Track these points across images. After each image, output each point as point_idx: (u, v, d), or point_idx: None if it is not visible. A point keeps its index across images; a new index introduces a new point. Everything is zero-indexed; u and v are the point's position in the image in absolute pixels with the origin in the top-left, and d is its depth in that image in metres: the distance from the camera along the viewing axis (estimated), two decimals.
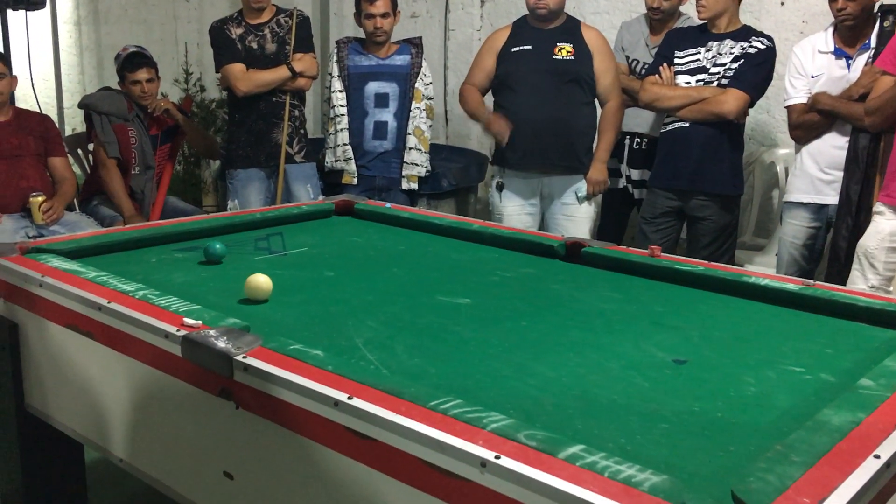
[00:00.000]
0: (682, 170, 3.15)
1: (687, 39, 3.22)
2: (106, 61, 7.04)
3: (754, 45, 3.08)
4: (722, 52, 3.12)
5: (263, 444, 1.28)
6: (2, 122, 3.57)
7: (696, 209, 3.17)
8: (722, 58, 3.11)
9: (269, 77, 3.57)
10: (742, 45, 3.09)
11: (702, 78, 3.13)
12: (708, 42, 3.15)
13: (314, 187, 3.66)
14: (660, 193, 3.24)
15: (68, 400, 1.72)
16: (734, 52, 3.09)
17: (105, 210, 3.82)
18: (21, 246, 1.91)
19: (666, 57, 3.22)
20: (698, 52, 3.17)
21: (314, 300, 1.77)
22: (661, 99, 3.17)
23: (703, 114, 3.08)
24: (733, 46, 3.10)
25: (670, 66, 3.19)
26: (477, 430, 1.05)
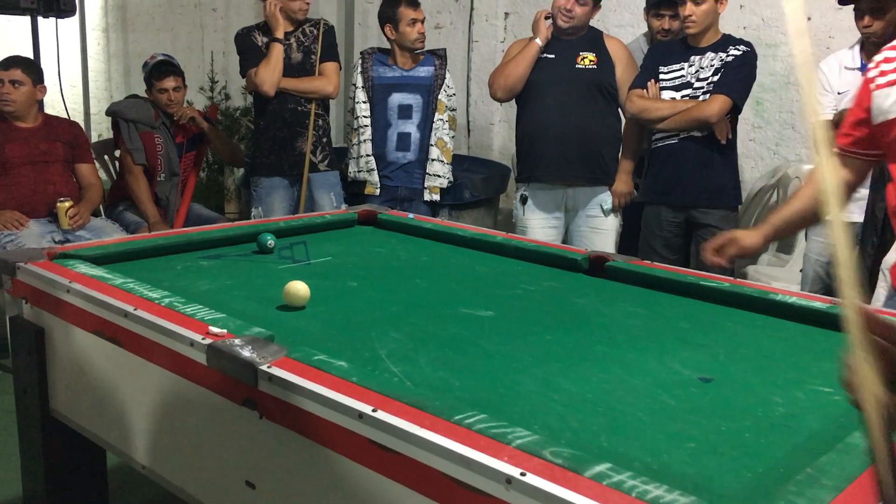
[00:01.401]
0: (676, 185, 3.14)
1: (670, 54, 3.21)
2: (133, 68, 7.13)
3: (732, 53, 3.08)
4: (704, 66, 3.12)
5: (286, 455, 1.28)
6: (31, 128, 3.62)
7: (699, 218, 3.16)
8: (704, 71, 3.11)
9: (293, 83, 3.59)
10: (721, 55, 3.09)
11: (687, 93, 3.13)
12: (690, 56, 3.15)
13: (337, 196, 3.67)
14: (659, 206, 3.23)
15: (92, 405, 1.73)
16: (714, 65, 3.09)
17: (130, 216, 3.86)
18: (48, 251, 1.93)
19: (652, 71, 3.21)
20: (682, 68, 3.16)
21: (338, 310, 1.78)
22: (647, 110, 3.15)
23: (688, 120, 3.06)
24: (713, 59, 3.10)
25: (657, 81, 3.18)
26: (502, 445, 1.04)
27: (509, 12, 4.86)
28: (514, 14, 4.83)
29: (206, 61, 6.51)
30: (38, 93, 3.63)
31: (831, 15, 3.76)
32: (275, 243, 2.23)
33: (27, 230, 3.42)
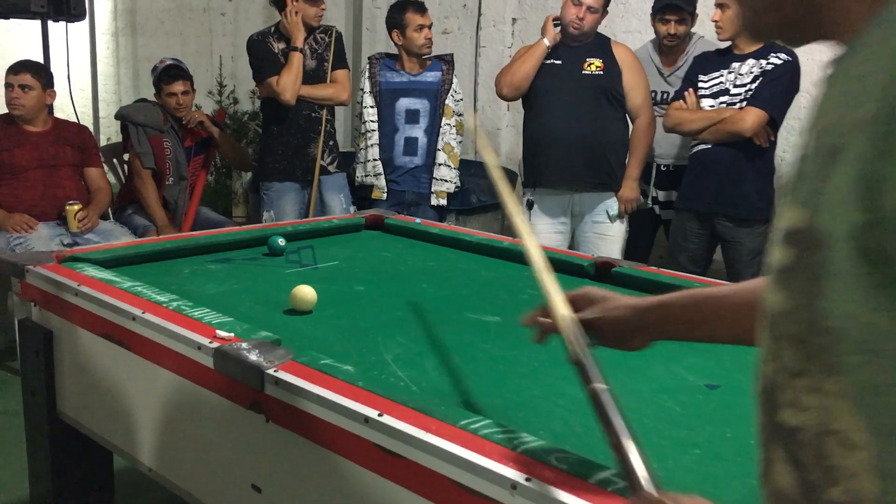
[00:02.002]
0: (704, 191, 3.13)
1: (711, 62, 3.21)
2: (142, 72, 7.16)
3: (772, 61, 3.06)
4: (742, 73, 3.10)
5: (292, 459, 1.29)
6: (40, 131, 3.64)
7: (723, 232, 3.14)
8: (742, 78, 3.09)
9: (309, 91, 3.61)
10: (761, 63, 3.07)
11: (724, 100, 3.11)
12: (731, 63, 3.14)
13: (346, 197, 3.70)
14: (685, 215, 3.22)
15: (99, 408, 1.74)
16: (753, 72, 3.08)
17: (139, 219, 3.88)
18: (57, 254, 1.94)
19: (691, 81, 3.21)
20: (721, 75, 3.15)
21: (344, 314, 1.78)
22: (683, 123, 3.15)
23: (722, 134, 3.06)
24: (753, 66, 3.09)
25: (695, 91, 3.18)
26: (508, 451, 1.04)
27: (517, 18, 4.87)
28: (522, 20, 4.84)
29: (215, 66, 6.54)
30: (47, 97, 3.65)
31: None
32: (286, 243, 2.24)
33: (36, 233, 3.44)
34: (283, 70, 3.53)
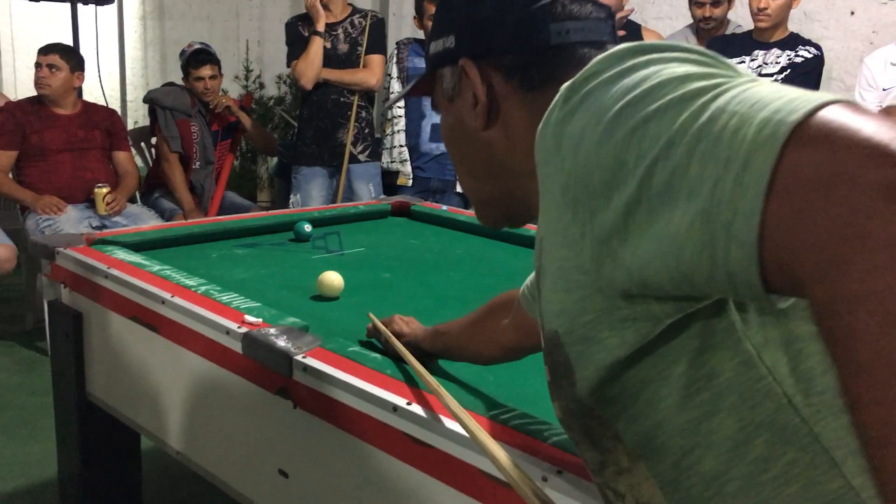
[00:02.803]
0: None
1: (731, 47, 3.15)
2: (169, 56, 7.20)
3: (801, 54, 3.00)
4: (768, 62, 3.04)
5: (320, 445, 1.28)
6: (70, 114, 3.66)
7: None
8: (768, 67, 3.03)
9: (337, 75, 3.59)
10: (789, 54, 3.01)
11: None
12: (753, 51, 3.08)
13: (376, 187, 3.68)
14: None
15: (128, 390, 1.75)
16: (781, 62, 3.01)
17: (166, 203, 3.91)
18: (87, 237, 1.95)
19: None
20: (742, 61, 3.09)
21: (371, 302, 1.77)
22: None
23: None
24: (780, 56, 3.02)
25: None
26: (538, 442, 1.03)
27: None
28: None
29: (242, 50, 6.55)
30: (75, 80, 3.67)
31: (875, 10, 3.69)
32: (312, 229, 2.24)
33: (65, 215, 3.47)
34: (301, 55, 3.52)
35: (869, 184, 0.40)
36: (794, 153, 0.42)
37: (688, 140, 0.48)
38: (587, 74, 0.60)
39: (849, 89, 3.28)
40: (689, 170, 0.47)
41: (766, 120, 0.44)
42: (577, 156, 0.57)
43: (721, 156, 0.45)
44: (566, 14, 0.82)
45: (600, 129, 0.55)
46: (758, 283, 0.45)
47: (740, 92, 0.48)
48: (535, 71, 0.81)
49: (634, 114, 0.52)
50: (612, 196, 0.53)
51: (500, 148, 0.83)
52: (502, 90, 0.82)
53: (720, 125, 0.46)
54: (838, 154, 0.41)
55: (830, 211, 0.40)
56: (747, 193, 0.43)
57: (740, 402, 0.56)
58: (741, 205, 0.44)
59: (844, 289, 0.40)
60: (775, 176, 0.42)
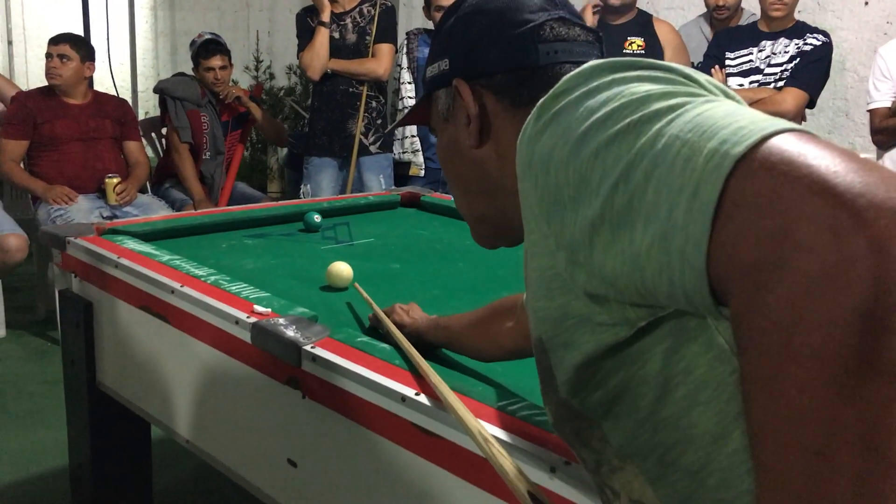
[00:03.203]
0: None
1: (738, 39, 3.12)
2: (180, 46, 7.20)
3: (809, 41, 2.97)
4: (776, 52, 3.01)
5: (328, 435, 1.29)
6: (81, 104, 3.67)
7: None
8: (777, 57, 3.01)
9: (344, 65, 3.58)
10: (797, 42, 2.99)
11: (756, 79, 3.04)
12: (761, 41, 3.05)
13: (387, 178, 3.68)
14: None
15: (138, 379, 1.75)
16: (789, 52, 2.99)
17: (176, 193, 3.92)
18: (97, 226, 1.96)
19: (716, 58, 3.13)
20: (750, 53, 3.07)
21: (380, 292, 1.77)
22: None
23: None
24: (788, 45, 3.00)
25: (722, 69, 3.10)
26: (546, 434, 1.03)
27: None
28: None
29: (252, 40, 6.55)
30: (86, 70, 3.68)
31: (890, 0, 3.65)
32: (321, 219, 2.24)
33: (76, 205, 3.49)
34: (308, 46, 3.51)
35: (800, 216, 0.42)
36: (737, 184, 0.46)
37: (644, 165, 0.51)
38: (557, 93, 0.63)
39: (862, 80, 3.26)
40: (647, 195, 0.51)
41: (714, 151, 0.47)
42: (547, 173, 0.61)
43: (674, 184, 0.49)
44: (554, 36, 0.87)
45: (567, 149, 0.58)
46: (710, 302, 0.48)
47: (694, 116, 0.51)
48: (525, 89, 0.86)
49: (598, 135, 0.56)
50: (578, 212, 0.57)
51: (492, 166, 0.88)
52: (494, 108, 0.87)
53: (673, 152, 0.50)
54: (776, 186, 0.44)
55: (760, 238, 0.43)
56: (697, 221, 0.47)
57: (716, 395, 0.57)
58: (692, 231, 0.47)
59: (756, 308, 0.43)
60: (720, 205, 0.46)
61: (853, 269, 0.40)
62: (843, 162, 0.44)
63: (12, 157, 3.56)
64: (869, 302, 0.40)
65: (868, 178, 0.42)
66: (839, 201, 0.41)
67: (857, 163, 0.44)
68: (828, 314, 0.41)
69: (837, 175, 0.43)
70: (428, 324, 1.41)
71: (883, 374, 0.40)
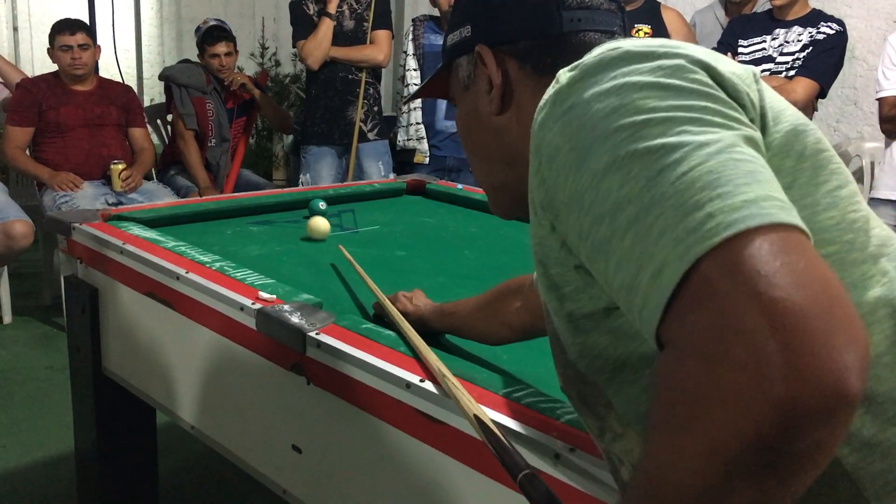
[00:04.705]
0: None
1: (751, 27, 3.09)
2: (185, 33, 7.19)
3: (823, 30, 2.94)
4: (789, 41, 2.99)
5: (333, 421, 1.29)
6: (86, 91, 3.67)
7: None
8: (790, 46, 2.98)
9: (344, 53, 3.57)
10: (810, 31, 2.96)
11: (767, 68, 3.01)
12: (774, 29, 3.02)
13: (385, 165, 3.67)
14: None
15: (143, 365, 1.76)
16: (802, 40, 2.96)
17: (181, 180, 3.92)
18: (103, 213, 1.96)
19: (730, 45, 3.10)
20: (763, 41, 3.04)
21: (385, 279, 1.77)
22: None
23: None
24: (801, 33, 2.97)
25: (735, 56, 3.07)
26: (551, 420, 1.03)
27: None
28: None
29: (257, 27, 6.53)
30: (97, 54, 3.70)
31: None
32: (326, 206, 2.24)
33: (81, 192, 3.49)
34: (311, 35, 3.50)
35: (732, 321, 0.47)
36: (698, 274, 0.50)
37: (627, 215, 0.56)
38: (574, 80, 0.65)
39: (872, 69, 3.23)
40: (624, 242, 0.56)
41: (682, 238, 0.52)
42: (550, 169, 0.65)
43: (646, 251, 0.54)
44: (578, 3, 0.87)
45: (571, 158, 0.62)
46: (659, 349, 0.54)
47: (681, 175, 0.54)
48: (548, 56, 0.85)
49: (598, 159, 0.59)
50: (569, 218, 0.63)
51: (512, 134, 0.88)
52: (516, 76, 0.87)
53: (653, 217, 0.54)
54: (723, 289, 0.49)
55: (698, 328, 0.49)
56: (654, 297, 0.53)
57: None
58: (649, 301, 0.53)
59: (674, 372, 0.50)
60: (678, 287, 0.51)
61: (765, 405, 0.45)
62: (802, 286, 0.47)
63: (18, 143, 3.56)
64: (765, 434, 0.45)
65: (819, 313, 0.46)
66: (777, 332, 0.46)
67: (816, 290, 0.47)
68: (729, 421, 0.46)
69: (787, 304, 0.46)
70: (433, 311, 1.41)
71: (751, 481, 0.46)
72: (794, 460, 0.45)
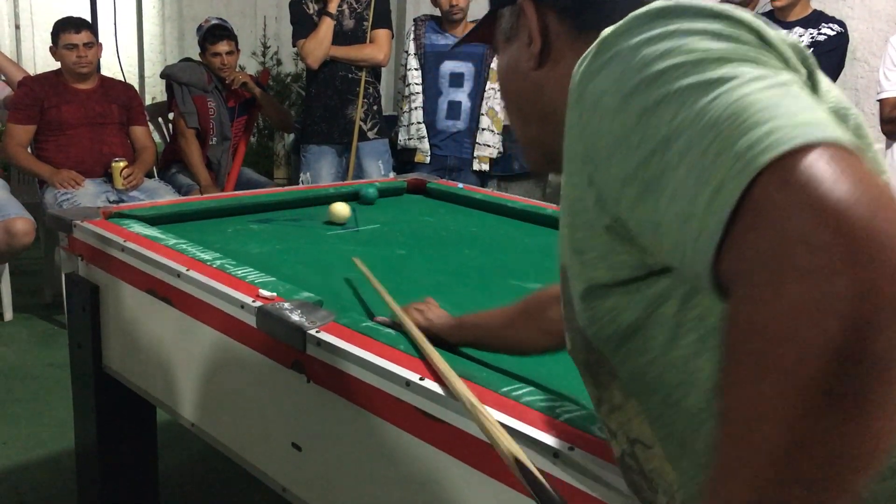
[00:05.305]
0: None
1: None
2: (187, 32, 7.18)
3: (824, 31, 2.94)
4: None
5: (333, 419, 1.29)
6: (88, 89, 3.67)
7: None
8: None
9: (343, 52, 3.57)
10: (811, 32, 2.96)
11: None
12: None
13: (385, 164, 3.67)
14: None
15: (143, 362, 1.76)
16: (803, 41, 2.96)
17: (182, 178, 3.92)
18: (104, 210, 1.96)
19: None
20: None
21: (385, 278, 1.77)
22: None
23: None
24: (802, 35, 2.97)
25: None
26: (550, 419, 1.03)
27: None
28: None
29: (259, 26, 6.53)
30: (100, 51, 3.71)
31: None
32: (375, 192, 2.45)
33: (83, 189, 3.49)
34: (311, 34, 3.50)
35: (803, 240, 0.44)
36: (757, 192, 0.48)
37: (681, 145, 0.54)
38: (619, 31, 0.64)
39: (873, 70, 3.23)
40: (678, 172, 0.54)
41: (741, 154, 0.49)
42: (592, 115, 0.63)
43: (703, 174, 0.51)
44: None
45: (617, 100, 0.60)
46: (710, 290, 0.51)
47: (737, 99, 0.52)
48: (590, 13, 0.85)
49: (646, 94, 0.57)
50: (612, 164, 0.60)
51: (549, 89, 0.87)
52: (556, 30, 0.86)
53: (707, 141, 0.52)
54: (789, 204, 0.46)
55: (764, 251, 0.46)
56: (714, 217, 0.50)
57: None
58: (708, 224, 0.50)
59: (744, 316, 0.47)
60: (738, 207, 0.48)
61: (836, 306, 0.42)
62: (863, 192, 0.45)
63: (19, 141, 3.56)
64: (843, 341, 0.42)
65: (881, 215, 0.44)
66: (841, 235, 0.43)
67: (875, 195, 0.45)
68: (804, 342, 0.43)
69: (849, 206, 0.44)
70: (449, 324, 1.35)
71: (842, 408, 0.43)
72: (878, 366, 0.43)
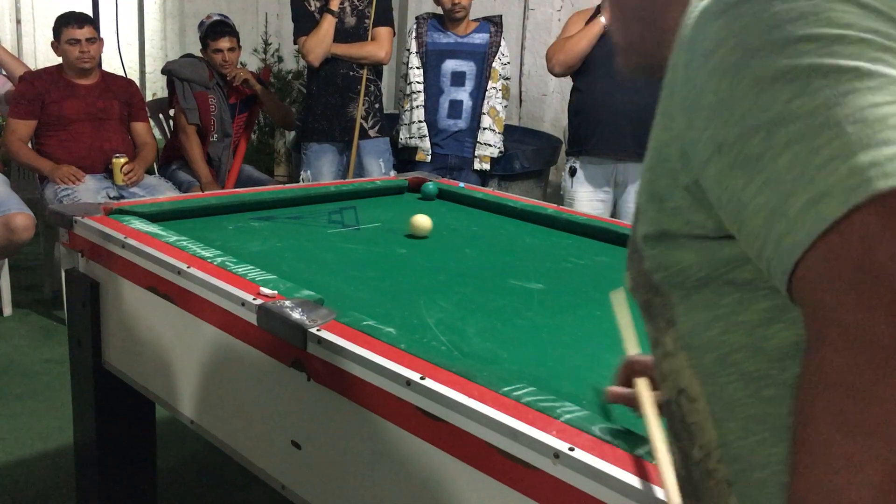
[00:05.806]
0: None
1: None
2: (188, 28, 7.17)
3: None
4: None
5: (333, 418, 1.29)
6: (89, 84, 3.67)
7: None
8: None
9: (345, 49, 3.56)
10: None
11: None
12: None
13: (386, 162, 3.66)
14: None
15: (143, 359, 1.76)
16: None
17: (183, 175, 3.92)
18: (105, 206, 1.96)
19: None
20: None
21: (386, 276, 1.78)
22: None
23: None
24: None
25: None
26: (551, 419, 1.03)
27: None
28: None
29: (260, 23, 6.53)
30: (101, 46, 3.71)
31: None
32: (434, 186, 2.52)
33: (83, 185, 3.49)
34: (312, 32, 3.49)
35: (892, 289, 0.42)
36: (860, 216, 0.45)
37: (792, 132, 0.49)
38: None
39: None
40: (779, 159, 0.50)
41: (858, 170, 0.46)
42: (703, 66, 0.57)
43: (807, 173, 0.48)
44: None
45: (733, 58, 0.55)
46: (782, 288, 0.50)
47: (867, 107, 0.48)
48: None
49: (768, 62, 0.52)
50: (710, 125, 0.56)
51: None
52: None
53: (824, 140, 0.48)
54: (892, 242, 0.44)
55: (851, 285, 0.44)
56: (804, 227, 0.47)
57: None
58: (797, 230, 0.48)
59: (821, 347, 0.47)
60: (835, 225, 0.46)
61: None
62: None
63: (20, 136, 3.56)
64: None
65: None
66: None
67: None
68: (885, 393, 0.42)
69: None
70: None
71: None
72: None
